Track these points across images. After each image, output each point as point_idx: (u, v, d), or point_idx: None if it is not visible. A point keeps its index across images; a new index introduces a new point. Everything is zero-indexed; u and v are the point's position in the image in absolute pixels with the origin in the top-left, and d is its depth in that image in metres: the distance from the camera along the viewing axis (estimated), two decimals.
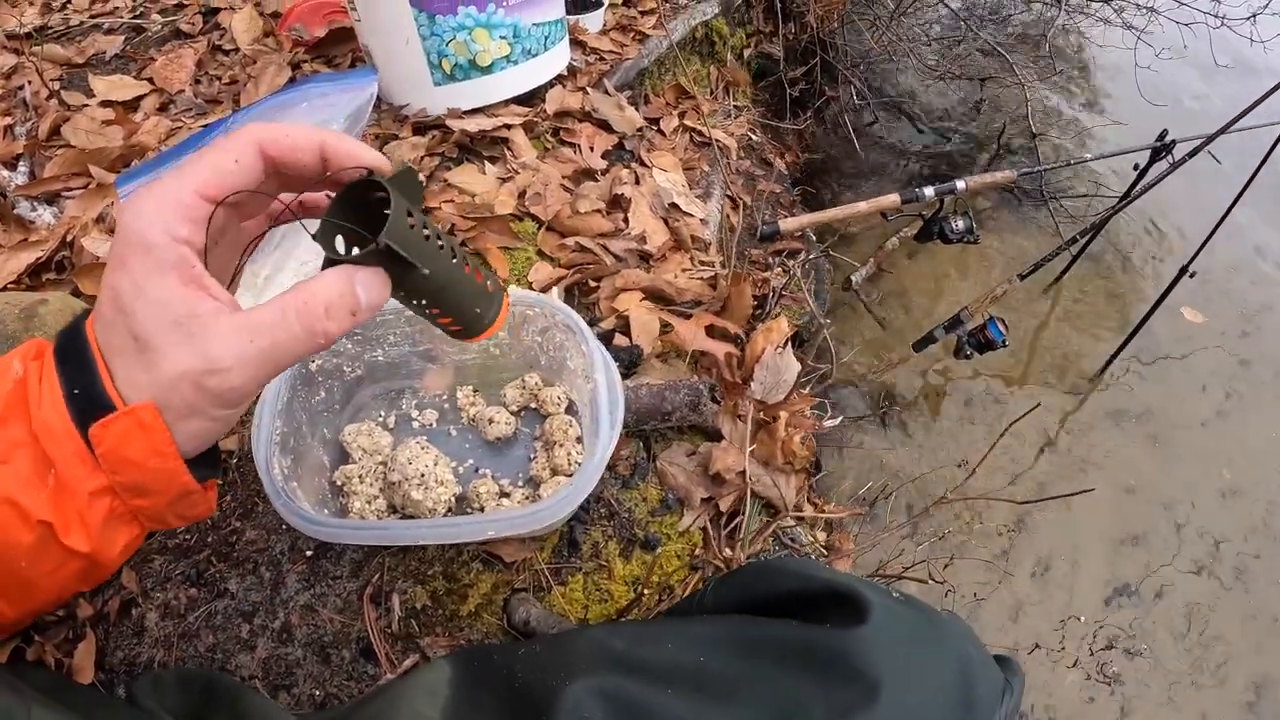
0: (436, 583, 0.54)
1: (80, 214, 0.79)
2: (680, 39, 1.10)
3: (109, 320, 0.25)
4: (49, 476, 0.25)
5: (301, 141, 0.27)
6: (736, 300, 0.68)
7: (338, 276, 0.26)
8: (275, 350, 0.25)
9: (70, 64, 0.99)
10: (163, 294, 0.24)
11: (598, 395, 0.47)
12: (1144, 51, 1.79)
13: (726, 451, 0.61)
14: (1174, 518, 1.34)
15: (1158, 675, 1.13)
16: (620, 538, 0.58)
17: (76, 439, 0.25)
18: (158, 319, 0.24)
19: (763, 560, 0.51)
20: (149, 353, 0.24)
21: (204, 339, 0.24)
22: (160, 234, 0.24)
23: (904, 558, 1.05)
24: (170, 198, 0.25)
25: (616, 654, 0.38)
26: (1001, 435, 0.67)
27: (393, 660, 0.52)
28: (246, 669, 0.55)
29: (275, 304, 0.25)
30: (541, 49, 0.87)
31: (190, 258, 0.25)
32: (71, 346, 0.25)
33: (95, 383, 0.25)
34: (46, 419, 0.24)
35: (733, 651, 0.37)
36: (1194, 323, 1.62)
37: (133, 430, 0.24)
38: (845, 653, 0.35)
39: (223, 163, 0.26)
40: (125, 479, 0.25)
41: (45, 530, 0.24)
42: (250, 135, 0.27)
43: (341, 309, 0.26)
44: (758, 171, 1.23)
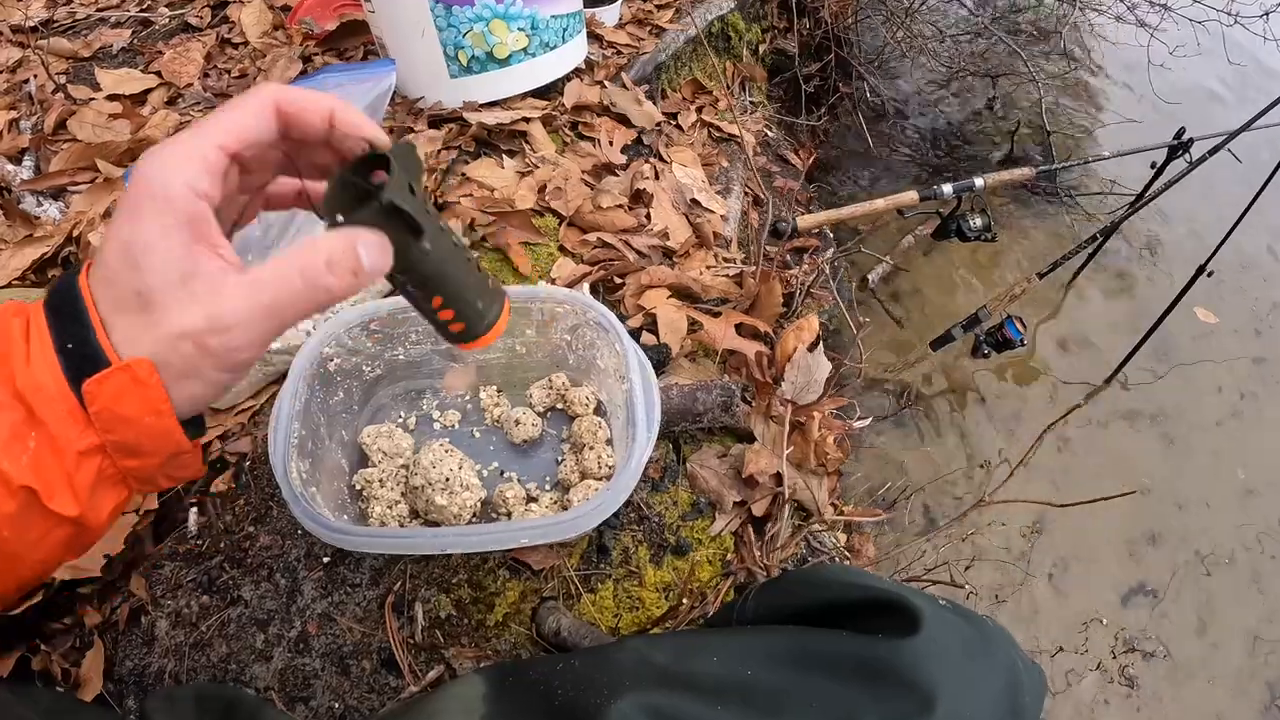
0: (462, 591, 0.51)
1: (87, 209, 0.77)
2: (697, 33, 1.08)
3: (112, 273, 0.24)
4: (29, 439, 0.23)
5: (312, 104, 0.27)
6: (766, 298, 0.66)
7: (339, 234, 0.25)
8: (277, 306, 0.24)
9: (76, 57, 0.97)
10: (174, 249, 0.23)
11: (633, 396, 0.44)
12: (1157, 50, 1.77)
13: (759, 454, 0.59)
14: (1189, 518, 1.33)
15: (1173, 675, 1.12)
16: (650, 543, 0.56)
17: (69, 396, 0.23)
18: (165, 275, 0.23)
19: (805, 568, 0.49)
20: (151, 310, 0.23)
21: (209, 298, 0.24)
22: (182, 186, 0.24)
23: (924, 559, 1.03)
24: (195, 150, 0.25)
25: (660, 668, 0.36)
26: (1042, 436, 0.65)
27: (416, 672, 0.49)
28: (262, 680, 0.53)
29: (276, 260, 0.25)
30: (560, 41, 0.85)
31: (207, 214, 0.24)
32: (64, 301, 0.24)
33: (90, 338, 0.23)
34: (36, 376, 0.23)
35: (782, 664, 0.36)
36: (1207, 323, 1.60)
37: (128, 386, 0.23)
38: (899, 664, 0.33)
39: (242, 118, 0.26)
40: (118, 437, 0.24)
41: (28, 496, 0.23)
42: (267, 92, 0.27)
43: (343, 265, 0.25)
44: (773, 168, 1.21)
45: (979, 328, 1.30)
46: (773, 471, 0.59)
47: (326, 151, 0.29)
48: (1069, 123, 1.87)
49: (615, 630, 0.52)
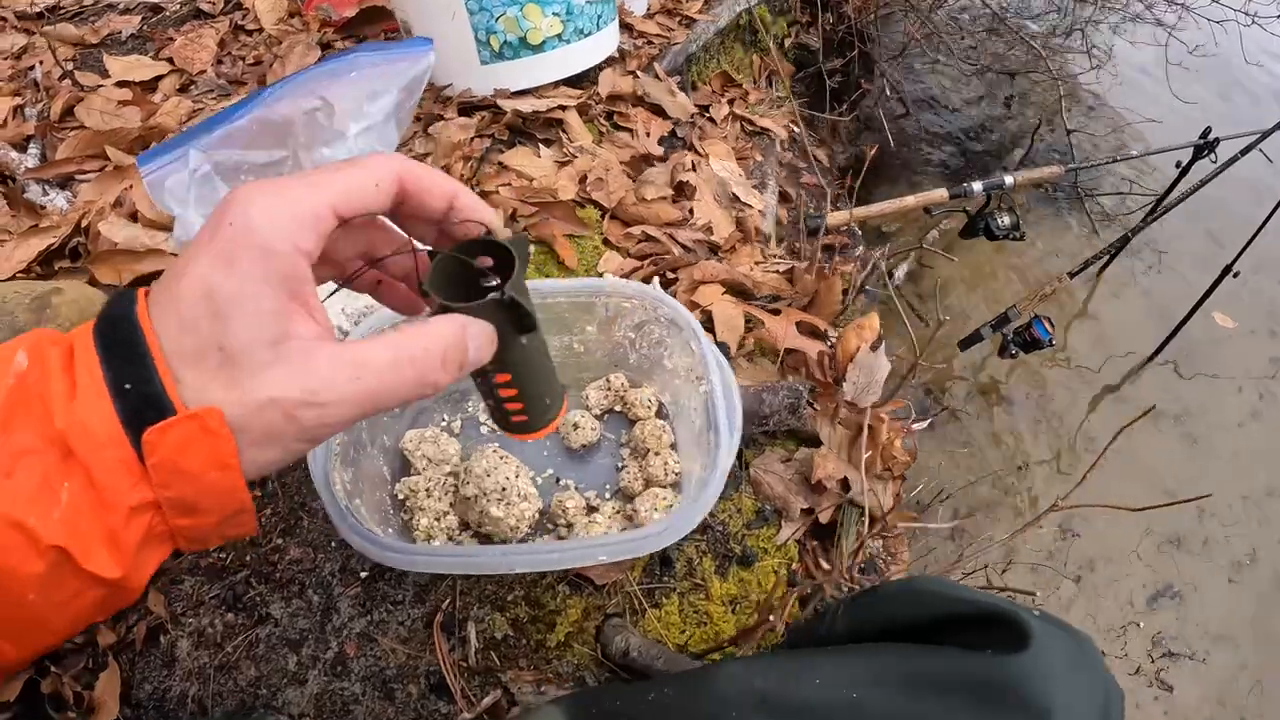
0: (518, 609, 0.47)
1: (96, 198, 0.73)
2: (726, 25, 1.05)
3: (189, 320, 0.21)
4: (61, 491, 0.20)
5: (438, 184, 0.26)
6: (825, 295, 0.62)
7: (453, 325, 0.24)
8: (379, 393, 0.23)
9: (84, 44, 0.92)
10: (268, 307, 0.21)
11: (714, 399, 0.41)
12: (1175, 50, 1.77)
13: (826, 458, 0.55)
14: (1212, 519, 1.32)
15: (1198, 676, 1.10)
16: (715, 553, 0.52)
17: (124, 444, 0.20)
18: (256, 333, 0.21)
19: (897, 581, 0.46)
20: (235, 369, 0.21)
21: (303, 366, 0.22)
22: (286, 240, 0.22)
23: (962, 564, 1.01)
24: (304, 205, 0.23)
25: (762, 695, 0.34)
26: (1112, 441, 0.62)
27: (470, 697, 0.45)
28: (296, 706, 0.49)
29: (385, 343, 0.23)
30: (594, 28, 0.82)
31: (306, 274, 0.23)
32: (118, 334, 0.21)
33: (152, 379, 0.21)
34: (82, 417, 0.20)
35: (891, 686, 0.34)
36: (1225, 327, 1.59)
37: (195, 437, 0.21)
38: (1012, 681, 0.32)
39: (364, 183, 0.24)
40: (175, 494, 0.21)
41: (59, 556, 0.20)
42: (393, 163, 0.25)
43: (454, 360, 0.24)
44: (800, 164, 1.18)
45: (1007, 327, 1.27)
46: (840, 476, 0.56)
47: (430, 229, 0.28)
48: (1088, 121, 1.86)
49: (683, 648, 0.48)
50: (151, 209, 0.70)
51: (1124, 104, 1.91)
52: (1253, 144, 1.27)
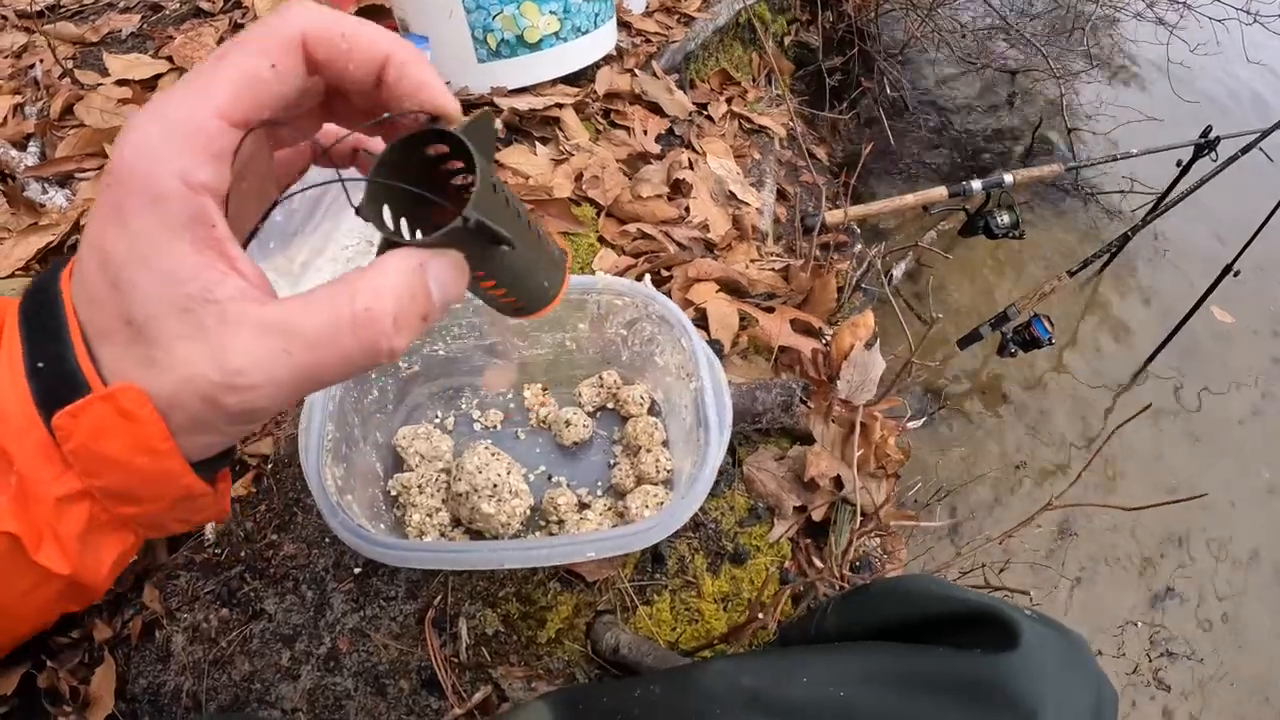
0: (510, 605, 0.48)
1: (95, 196, 0.73)
2: (725, 23, 1.04)
3: (93, 292, 0.18)
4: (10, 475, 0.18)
5: (361, 48, 0.19)
6: (820, 294, 0.62)
7: (406, 268, 0.19)
8: (316, 369, 0.18)
9: (84, 42, 0.93)
10: (170, 263, 0.17)
11: (704, 396, 0.41)
12: (1177, 48, 1.76)
13: (820, 456, 0.55)
14: (1214, 517, 1.31)
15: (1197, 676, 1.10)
16: (707, 550, 0.52)
17: (40, 428, 0.18)
18: (161, 299, 0.17)
19: (888, 579, 0.46)
20: (145, 344, 0.18)
21: (222, 337, 0.17)
22: (172, 178, 0.17)
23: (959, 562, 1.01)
24: (187, 124, 0.18)
25: (750, 692, 0.34)
26: (1106, 439, 0.62)
27: (461, 693, 0.46)
28: (289, 700, 0.49)
29: (322, 304, 0.18)
30: (591, 26, 0.82)
31: (210, 212, 0.18)
32: (40, 307, 0.19)
33: (65, 355, 0.18)
34: (4, 403, 0.18)
35: (880, 684, 0.34)
36: (1224, 322, 1.59)
37: (111, 420, 0.18)
38: (1001, 681, 0.32)
39: (255, 68, 0.18)
40: (104, 482, 0.19)
41: (11, 544, 0.18)
42: (292, 25, 0.19)
43: (412, 315, 0.19)
44: (799, 162, 1.18)
45: (1007, 326, 1.27)
46: (833, 474, 0.56)
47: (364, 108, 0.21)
48: (1088, 120, 1.85)
49: (674, 645, 0.48)
50: None
51: (1125, 102, 1.90)
52: (1253, 143, 1.27)
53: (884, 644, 0.37)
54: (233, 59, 0.18)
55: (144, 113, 0.18)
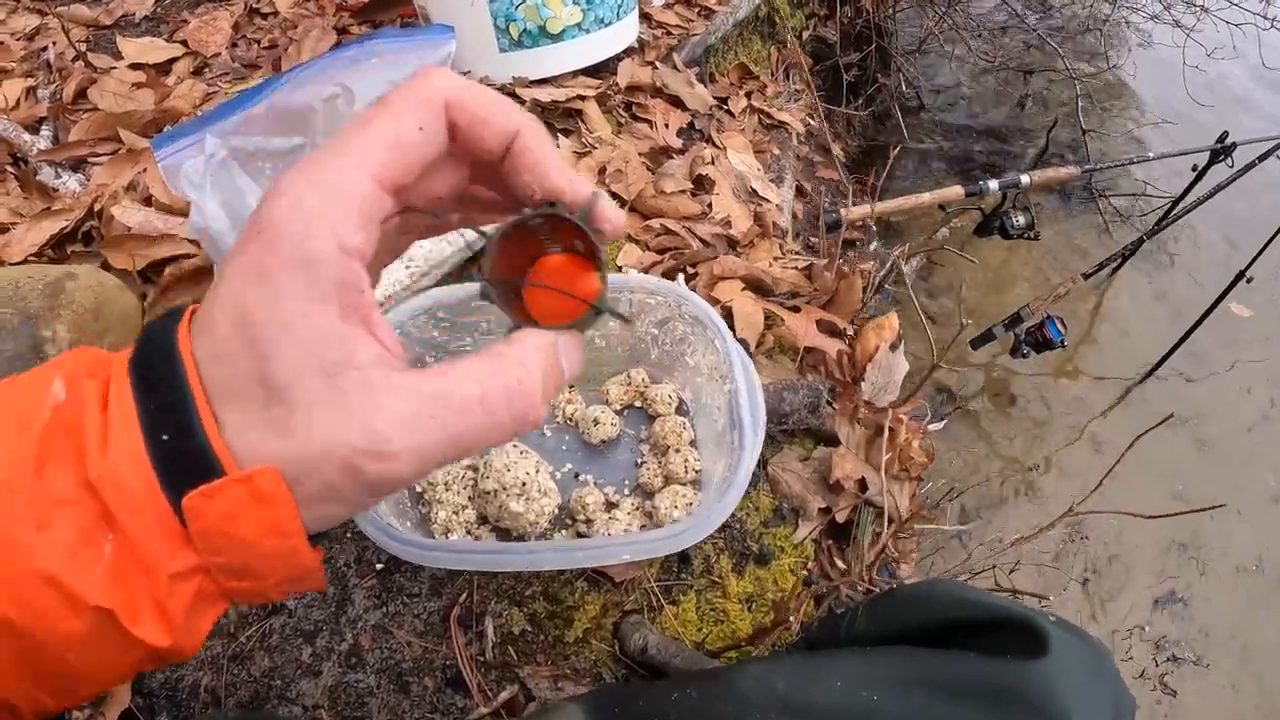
0: (536, 604, 0.47)
1: (109, 181, 0.72)
2: (745, 16, 1.03)
3: (225, 349, 0.17)
4: (105, 543, 0.17)
5: (495, 117, 0.19)
6: (846, 294, 0.62)
7: (544, 344, 0.19)
8: (463, 441, 0.18)
9: (97, 25, 0.91)
10: (316, 328, 0.17)
11: (738, 398, 0.40)
12: (1193, 51, 1.75)
13: (845, 458, 0.55)
14: (1220, 524, 1.32)
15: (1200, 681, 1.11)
16: (732, 551, 0.52)
17: (162, 505, 0.17)
18: (304, 363, 0.17)
19: (915, 584, 0.45)
20: (282, 409, 0.17)
21: (367, 405, 0.17)
22: (328, 243, 0.17)
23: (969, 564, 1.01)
24: (344, 189, 0.17)
25: (784, 696, 0.34)
26: (1129, 447, 0.62)
27: (486, 692, 0.45)
28: (310, 697, 0.48)
29: (470, 372, 0.18)
30: (614, 18, 0.81)
31: (360, 278, 0.18)
32: (156, 366, 0.18)
33: (194, 430, 0.17)
34: (116, 471, 0.17)
35: (908, 689, 0.34)
36: (1241, 316, 1.58)
37: (246, 504, 0.17)
38: (1029, 688, 0.32)
39: (404, 131, 0.18)
40: (225, 560, 0.18)
41: (102, 617, 0.17)
42: (436, 89, 0.19)
43: (552, 388, 0.19)
44: (816, 158, 1.17)
45: (1020, 327, 1.27)
46: (858, 476, 0.55)
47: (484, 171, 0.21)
48: (1103, 122, 1.84)
49: (700, 646, 0.48)
50: (166, 193, 0.69)
51: (1140, 105, 1.89)
52: (1270, 150, 1.26)
53: (914, 649, 0.37)
54: (381, 122, 0.18)
55: (295, 175, 0.18)
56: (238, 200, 0.58)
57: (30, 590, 0.16)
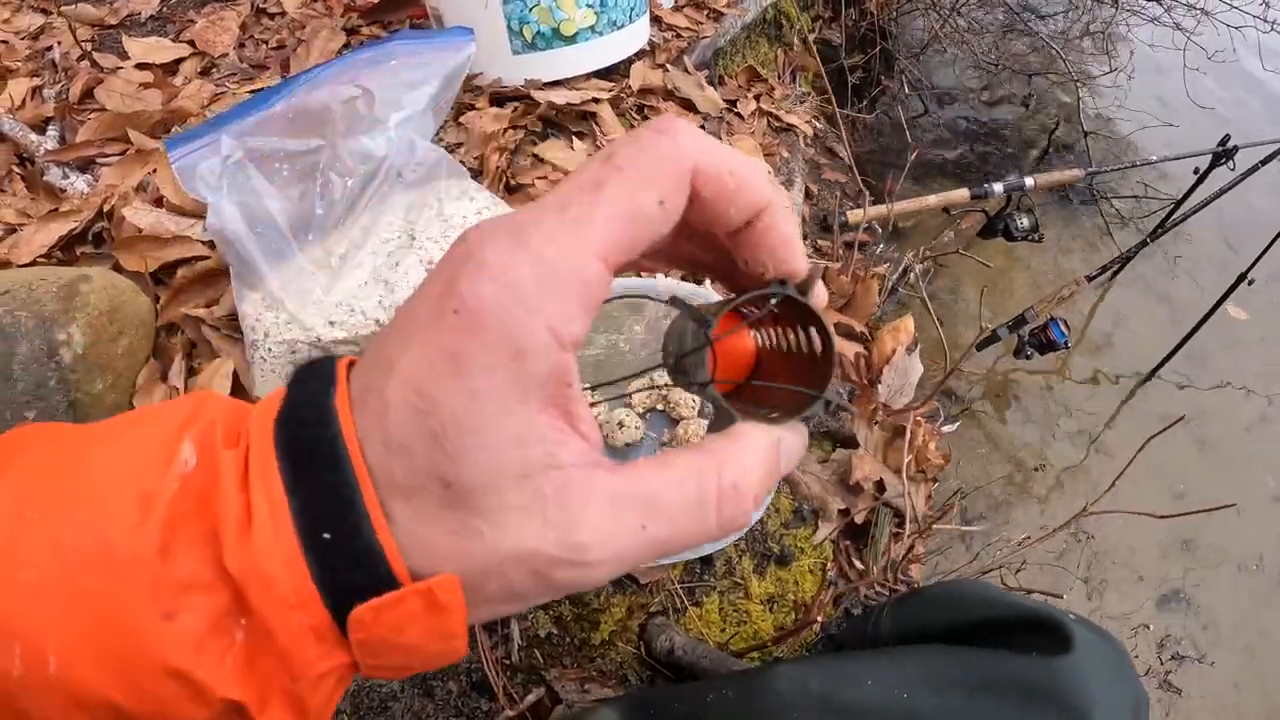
0: (562, 607, 0.47)
1: (119, 182, 0.72)
2: (753, 19, 1.04)
3: (401, 440, 0.15)
4: (237, 630, 0.16)
5: (747, 190, 0.17)
6: (863, 297, 0.62)
7: (767, 443, 0.17)
8: (671, 545, 0.16)
9: (103, 25, 0.91)
10: (516, 426, 0.15)
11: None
12: (1194, 54, 1.76)
13: (864, 460, 0.55)
14: (1222, 524, 1.33)
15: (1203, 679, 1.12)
16: (753, 552, 0.52)
17: (317, 610, 0.15)
18: (498, 464, 0.15)
19: (941, 584, 0.46)
20: (467, 511, 0.15)
21: (567, 512, 0.15)
22: (541, 331, 0.15)
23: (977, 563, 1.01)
24: (563, 268, 0.15)
25: (818, 696, 0.34)
26: (1140, 449, 0.63)
27: (512, 695, 0.45)
28: None
29: (688, 476, 0.16)
30: (627, 21, 0.81)
31: (570, 370, 0.15)
32: (311, 444, 0.15)
33: (361, 530, 0.15)
34: (263, 566, 0.15)
35: (941, 687, 0.35)
36: (1238, 319, 1.60)
37: (419, 615, 0.15)
38: (1056, 684, 0.33)
39: (643, 205, 0.16)
40: (382, 661, 0.16)
41: (229, 708, 0.16)
42: (686, 154, 0.16)
43: (768, 489, 0.17)
44: (823, 160, 1.17)
45: (1024, 328, 1.28)
46: (876, 478, 0.56)
47: (703, 242, 0.19)
48: (1105, 124, 1.86)
49: (724, 646, 0.48)
50: (177, 194, 0.69)
51: (1141, 107, 1.90)
52: (1273, 154, 1.27)
53: (941, 647, 0.37)
54: (616, 191, 0.15)
55: (507, 242, 0.15)
56: (254, 201, 0.57)
57: (151, 682, 0.15)
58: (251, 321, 0.57)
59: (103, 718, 0.15)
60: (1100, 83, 1.88)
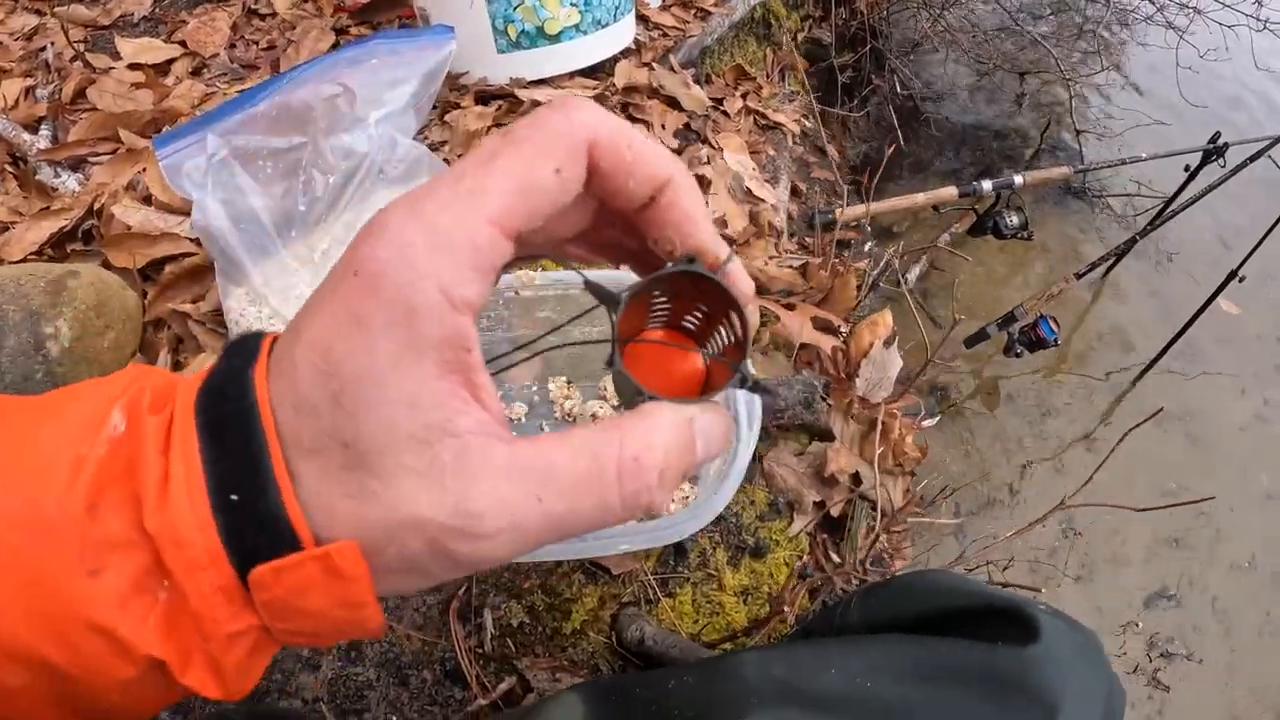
0: (534, 597, 0.48)
1: (109, 180, 0.73)
2: (741, 18, 1.04)
3: (307, 401, 0.15)
4: (159, 590, 0.16)
5: (646, 164, 0.17)
6: (840, 292, 0.63)
7: (678, 420, 0.17)
8: (565, 524, 0.16)
9: (95, 25, 0.92)
10: (412, 387, 0.15)
11: (734, 393, 0.41)
12: (1186, 53, 1.76)
13: (839, 453, 0.56)
14: (1213, 521, 1.33)
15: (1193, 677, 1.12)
16: (728, 544, 0.53)
17: (224, 570, 0.16)
18: (394, 426, 0.15)
19: (909, 573, 0.46)
20: (364, 473, 0.15)
21: (462, 479, 0.15)
22: (433, 293, 0.15)
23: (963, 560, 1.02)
24: (456, 233, 0.15)
25: (782, 683, 0.34)
26: (1119, 442, 0.63)
27: (485, 684, 0.46)
28: (310, 690, 0.49)
29: (585, 448, 0.16)
30: (611, 19, 0.82)
31: (467, 334, 0.16)
32: (227, 412, 0.16)
33: (267, 493, 0.15)
34: (176, 525, 0.15)
35: (905, 676, 0.35)
36: (1231, 313, 1.60)
37: (319, 580, 0.16)
38: (1022, 673, 0.32)
39: (537, 173, 0.16)
40: (290, 625, 0.17)
41: (153, 665, 0.16)
42: (584, 125, 0.16)
43: (678, 469, 0.17)
44: (811, 158, 1.18)
45: (1014, 326, 1.28)
46: (852, 471, 0.56)
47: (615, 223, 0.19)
48: (1097, 122, 1.86)
49: (696, 637, 0.48)
50: (165, 192, 0.70)
51: (1133, 106, 1.90)
52: (1262, 150, 1.27)
53: (906, 636, 0.37)
54: (509, 160, 0.16)
55: (403, 211, 0.16)
56: (239, 199, 0.58)
57: (77, 637, 0.16)
58: (235, 316, 0.58)
59: (38, 673, 0.16)
60: (1093, 81, 1.88)
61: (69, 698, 0.17)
